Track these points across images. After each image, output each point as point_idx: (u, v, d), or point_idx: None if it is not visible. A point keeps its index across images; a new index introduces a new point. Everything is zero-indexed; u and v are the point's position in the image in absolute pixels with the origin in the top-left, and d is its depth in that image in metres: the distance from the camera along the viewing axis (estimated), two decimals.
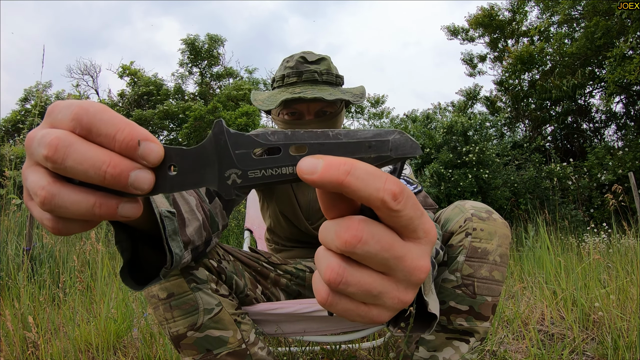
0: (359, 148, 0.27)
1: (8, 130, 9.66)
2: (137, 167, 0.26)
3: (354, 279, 0.26)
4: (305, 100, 0.94)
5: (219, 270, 0.85)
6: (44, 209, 0.27)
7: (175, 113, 8.53)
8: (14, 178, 3.12)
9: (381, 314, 0.28)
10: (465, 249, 0.79)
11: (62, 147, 0.26)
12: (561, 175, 6.19)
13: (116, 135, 0.26)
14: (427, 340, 0.83)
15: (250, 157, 0.27)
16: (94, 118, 0.26)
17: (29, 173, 0.28)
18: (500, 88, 9.14)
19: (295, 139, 0.27)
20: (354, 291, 0.26)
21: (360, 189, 0.24)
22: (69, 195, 0.27)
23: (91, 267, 2.31)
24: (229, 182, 0.27)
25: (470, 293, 0.79)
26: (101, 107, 0.27)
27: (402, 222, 0.25)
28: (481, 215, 0.81)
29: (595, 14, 7.02)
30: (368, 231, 0.25)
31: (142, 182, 0.26)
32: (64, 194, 0.27)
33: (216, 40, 9.86)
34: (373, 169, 0.25)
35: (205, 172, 0.27)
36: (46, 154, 0.26)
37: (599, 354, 1.33)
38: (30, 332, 1.31)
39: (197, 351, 0.78)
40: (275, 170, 0.27)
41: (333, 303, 0.27)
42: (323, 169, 0.24)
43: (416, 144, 0.27)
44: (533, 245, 3.08)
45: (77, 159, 0.26)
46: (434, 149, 6.29)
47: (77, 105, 0.27)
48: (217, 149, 0.27)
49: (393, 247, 0.25)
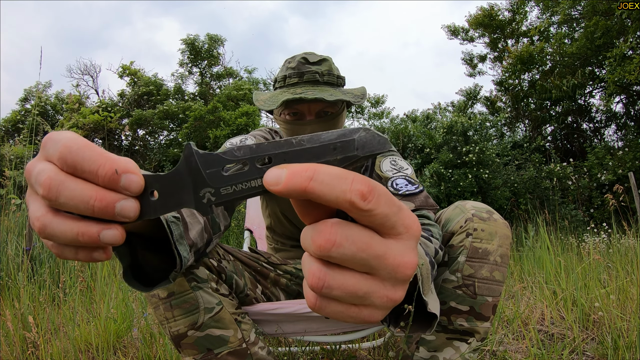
0: (324, 151, 0.26)
1: (8, 130, 9.66)
2: (122, 198, 0.28)
3: (336, 282, 0.26)
4: (306, 100, 0.95)
5: (219, 269, 0.85)
6: (41, 237, 0.30)
7: (175, 113, 8.53)
8: (14, 178, 3.12)
9: (373, 313, 0.28)
10: (466, 249, 0.79)
11: (54, 186, 0.28)
12: (561, 175, 6.19)
13: (98, 171, 0.28)
14: (427, 340, 0.83)
15: (221, 174, 0.28)
16: (77, 156, 0.28)
17: (30, 202, 0.32)
18: (500, 88, 9.14)
19: (259, 152, 0.27)
20: (339, 294, 0.26)
21: (326, 193, 0.24)
22: (58, 224, 0.29)
23: (91, 267, 2.31)
24: (205, 201, 0.28)
25: (471, 293, 0.79)
26: (84, 144, 0.29)
27: (377, 220, 0.25)
28: (482, 215, 0.81)
29: (595, 14, 7.02)
30: (341, 234, 0.24)
31: (128, 211, 0.29)
32: (55, 224, 0.29)
33: (216, 40, 9.86)
34: (338, 171, 0.24)
35: (183, 194, 0.29)
36: (42, 193, 0.29)
37: (599, 354, 1.33)
38: (30, 332, 1.31)
39: (198, 350, 0.78)
40: (245, 184, 0.27)
41: (322, 307, 0.27)
42: (286, 178, 0.24)
43: (384, 139, 0.27)
44: (533, 245, 3.08)
45: (67, 195, 0.28)
46: (434, 149, 6.29)
47: (62, 144, 0.29)
48: (190, 171, 0.28)
49: (370, 246, 0.25)
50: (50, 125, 9.04)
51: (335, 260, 0.25)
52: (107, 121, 8.23)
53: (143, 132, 9.42)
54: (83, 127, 8.01)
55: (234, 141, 0.99)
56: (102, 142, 8.90)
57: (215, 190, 0.28)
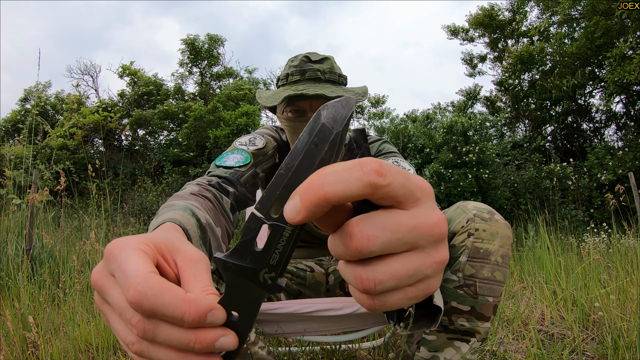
0: (311, 155, 0.26)
1: (8, 130, 9.66)
2: (220, 335, 0.29)
3: (386, 275, 0.25)
4: (307, 96, 0.96)
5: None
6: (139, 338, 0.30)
7: (175, 113, 8.53)
8: (14, 178, 3.12)
9: (429, 284, 0.28)
10: (468, 249, 0.79)
11: (150, 331, 0.29)
12: (561, 175, 6.19)
13: (184, 318, 0.28)
14: (428, 340, 0.83)
15: (260, 254, 0.28)
16: (155, 304, 0.28)
17: (112, 321, 0.32)
18: (500, 88, 9.14)
19: (266, 206, 0.27)
20: (393, 283, 0.26)
21: (345, 189, 0.24)
22: (157, 352, 0.30)
23: (91, 267, 2.31)
24: (270, 283, 0.28)
25: (472, 293, 0.79)
26: (159, 288, 0.28)
27: (397, 192, 0.25)
28: (483, 215, 0.81)
29: (595, 14, 7.02)
30: (371, 225, 0.25)
31: (229, 344, 0.29)
32: (153, 352, 0.30)
33: (216, 40, 9.86)
34: (342, 166, 0.24)
35: (250, 296, 0.29)
36: (137, 333, 0.29)
37: (599, 354, 1.33)
38: (30, 332, 1.31)
39: None
40: (281, 242, 0.27)
41: (382, 304, 0.27)
42: (302, 203, 0.24)
43: (345, 99, 0.27)
44: (533, 245, 3.08)
45: (165, 338, 0.29)
46: (434, 149, 6.29)
47: (134, 289, 0.28)
48: (238, 275, 0.28)
49: (400, 224, 0.25)
50: (50, 125, 9.04)
51: (376, 253, 0.25)
52: (107, 121, 8.22)
53: (143, 132, 9.42)
54: (83, 127, 8.01)
55: (243, 140, 1.00)
56: (102, 142, 8.90)
57: (267, 269, 0.28)
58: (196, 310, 0.28)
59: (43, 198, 2.48)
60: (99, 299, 0.33)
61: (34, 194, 2.42)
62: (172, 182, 7.38)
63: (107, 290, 0.31)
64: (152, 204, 6.83)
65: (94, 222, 3.11)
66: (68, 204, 5.58)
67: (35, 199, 2.44)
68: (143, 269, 0.29)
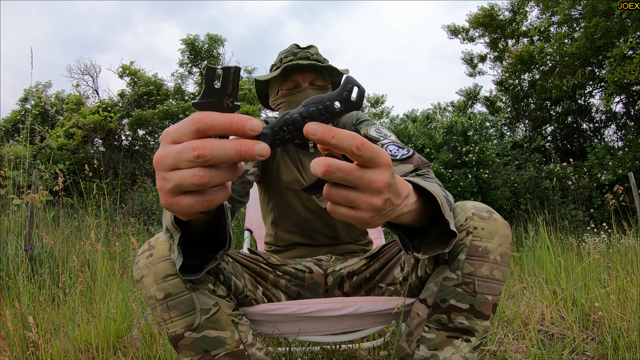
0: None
1: (8, 130, 9.66)
2: (257, 143, 0.40)
3: (334, 192, 0.46)
4: (302, 66, 1.12)
5: (216, 270, 0.85)
6: (199, 161, 0.40)
7: (175, 113, 8.53)
8: (14, 178, 3.12)
9: (363, 215, 0.47)
10: (466, 247, 0.79)
11: (208, 147, 0.39)
12: (561, 175, 6.19)
13: (232, 123, 0.40)
14: (427, 338, 0.83)
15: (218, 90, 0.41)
16: (209, 122, 0.40)
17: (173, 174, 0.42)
18: (500, 88, 9.14)
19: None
20: (338, 199, 0.46)
21: (339, 145, 0.42)
22: (217, 144, 0.40)
23: (91, 267, 2.31)
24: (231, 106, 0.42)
25: (471, 291, 0.79)
26: (206, 113, 0.41)
27: (364, 159, 0.43)
28: (482, 214, 0.81)
29: (595, 14, 7.02)
30: (334, 165, 0.42)
31: (263, 150, 0.40)
32: (214, 145, 0.40)
33: (216, 40, 9.86)
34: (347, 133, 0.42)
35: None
36: (197, 154, 0.39)
37: (599, 354, 1.33)
38: (30, 332, 1.31)
39: (195, 352, 0.78)
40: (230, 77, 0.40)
41: (333, 210, 0.48)
42: (322, 130, 0.41)
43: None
44: (533, 245, 3.08)
45: (220, 149, 0.40)
46: (434, 149, 6.29)
47: (192, 122, 0.40)
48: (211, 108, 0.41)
49: (352, 172, 0.43)
50: (50, 126, 9.05)
51: (332, 180, 0.44)
52: (107, 121, 8.22)
53: (143, 132, 9.42)
54: (83, 127, 8.01)
55: None
56: (102, 142, 8.90)
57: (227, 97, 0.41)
58: (239, 119, 0.40)
59: (42, 198, 2.48)
60: (161, 174, 0.43)
61: (34, 194, 2.42)
62: None
63: (168, 152, 0.41)
64: (152, 204, 6.83)
65: (93, 222, 3.12)
66: (68, 204, 5.59)
67: (35, 199, 2.44)
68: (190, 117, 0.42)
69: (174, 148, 0.41)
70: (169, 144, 0.42)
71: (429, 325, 0.84)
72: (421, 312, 0.86)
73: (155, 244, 0.81)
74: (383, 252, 1.06)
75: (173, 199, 0.44)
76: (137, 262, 0.80)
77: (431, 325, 0.83)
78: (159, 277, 0.77)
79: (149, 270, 0.77)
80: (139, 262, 0.79)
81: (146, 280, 0.77)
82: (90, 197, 3.49)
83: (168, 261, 0.77)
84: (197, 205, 0.43)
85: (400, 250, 1.00)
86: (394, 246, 1.03)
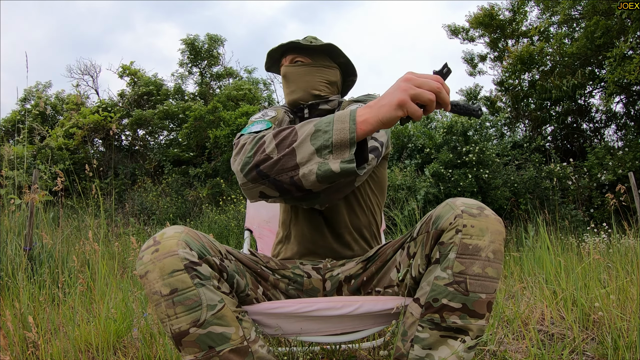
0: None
1: (8, 130, 9.65)
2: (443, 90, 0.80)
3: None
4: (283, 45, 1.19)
5: (220, 268, 0.85)
6: (436, 90, 0.79)
7: (175, 113, 8.51)
8: (14, 178, 3.12)
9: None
10: (456, 245, 0.79)
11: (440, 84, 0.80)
12: (561, 175, 6.19)
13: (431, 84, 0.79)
14: (421, 338, 0.83)
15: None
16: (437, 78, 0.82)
17: (419, 89, 0.79)
18: (500, 88, 9.13)
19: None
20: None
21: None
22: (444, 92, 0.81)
23: (91, 267, 2.31)
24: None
25: (463, 290, 0.78)
26: (418, 75, 0.82)
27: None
28: (472, 211, 0.80)
29: (595, 14, 7.01)
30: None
31: (445, 93, 0.81)
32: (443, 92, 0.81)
33: (216, 40, 9.85)
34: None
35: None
36: (438, 86, 0.79)
37: (599, 354, 1.33)
38: (30, 332, 1.31)
39: (199, 348, 0.78)
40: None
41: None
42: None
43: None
44: (533, 245, 3.08)
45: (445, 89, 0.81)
46: (434, 149, 6.29)
47: (436, 77, 0.81)
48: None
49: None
50: (50, 126, 9.04)
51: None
52: (107, 121, 8.22)
53: (143, 132, 9.41)
54: (83, 127, 8.00)
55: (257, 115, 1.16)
56: (102, 142, 8.89)
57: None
58: (435, 78, 0.80)
59: (42, 198, 2.48)
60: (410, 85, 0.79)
61: (34, 194, 2.42)
62: (172, 182, 7.38)
63: (423, 83, 0.79)
64: (152, 204, 6.82)
65: (93, 222, 3.11)
66: (68, 204, 5.58)
67: (35, 199, 2.44)
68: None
69: (424, 80, 0.79)
70: (417, 77, 0.79)
71: (422, 324, 0.83)
72: (414, 312, 0.86)
73: (161, 239, 0.80)
74: (378, 254, 1.05)
75: (409, 100, 0.77)
76: (141, 258, 0.79)
77: (424, 325, 0.83)
78: (165, 272, 0.76)
79: (155, 266, 0.77)
80: (144, 257, 0.79)
81: (151, 276, 0.77)
82: (90, 197, 3.48)
83: (175, 256, 0.77)
84: (418, 111, 0.78)
85: (396, 252, 1.00)
86: (388, 247, 1.03)
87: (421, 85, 0.78)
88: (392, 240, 1.04)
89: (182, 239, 0.80)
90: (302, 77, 1.18)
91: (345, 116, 0.81)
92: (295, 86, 1.19)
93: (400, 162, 6.49)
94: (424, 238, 0.88)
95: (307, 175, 0.81)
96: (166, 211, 6.52)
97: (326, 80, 1.20)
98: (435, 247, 0.84)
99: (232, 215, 5.51)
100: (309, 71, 1.18)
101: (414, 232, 0.94)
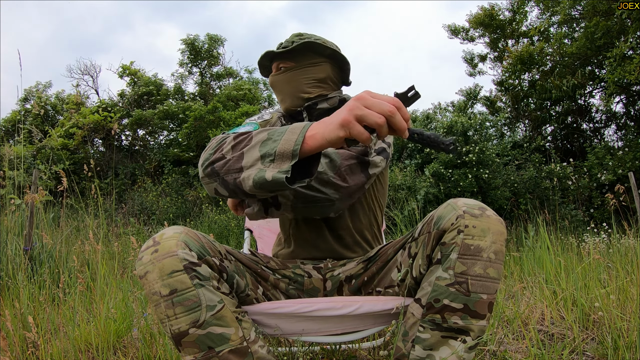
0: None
1: (8, 130, 9.65)
2: (396, 113, 0.72)
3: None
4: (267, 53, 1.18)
5: (220, 268, 0.85)
6: (388, 113, 0.72)
7: (175, 113, 8.51)
8: (14, 178, 3.12)
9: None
10: (458, 246, 0.79)
11: (395, 109, 0.73)
12: (561, 175, 6.19)
13: (397, 105, 0.73)
14: (422, 338, 0.83)
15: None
16: (396, 102, 0.74)
17: (367, 110, 0.73)
18: (500, 88, 9.13)
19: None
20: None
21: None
22: (399, 119, 0.73)
23: (91, 267, 2.31)
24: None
25: (464, 291, 0.78)
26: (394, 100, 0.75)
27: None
28: (474, 212, 0.80)
29: (595, 14, 7.01)
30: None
31: (401, 119, 0.73)
32: (396, 117, 0.73)
33: (216, 40, 9.85)
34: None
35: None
36: (390, 109, 0.72)
37: (599, 354, 1.33)
38: (30, 332, 1.31)
39: (199, 349, 0.78)
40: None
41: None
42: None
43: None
44: (533, 245, 3.08)
45: (399, 114, 0.73)
46: None
47: (393, 99, 0.74)
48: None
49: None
50: (51, 125, 9.04)
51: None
52: (107, 121, 8.21)
53: (143, 132, 9.41)
54: (83, 127, 8.00)
55: (253, 117, 1.19)
56: (102, 142, 8.89)
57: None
58: (391, 101, 0.73)
59: (42, 198, 2.48)
60: (359, 105, 0.73)
61: (34, 194, 2.42)
62: (172, 182, 7.38)
63: (374, 104, 0.72)
64: (152, 204, 6.82)
65: (93, 222, 3.11)
66: (68, 204, 5.58)
67: (35, 199, 2.44)
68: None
69: (376, 101, 0.72)
70: (371, 97, 0.73)
71: (423, 325, 0.83)
72: (415, 312, 0.86)
73: (160, 240, 0.80)
74: (379, 254, 1.05)
75: (354, 121, 0.72)
76: (140, 258, 0.79)
77: (425, 325, 0.83)
78: (164, 273, 0.76)
79: (154, 266, 0.77)
80: (143, 257, 0.79)
81: (150, 276, 0.77)
82: (90, 197, 3.49)
83: (174, 257, 0.77)
84: (363, 134, 0.72)
85: (397, 252, 1.00)
86: (389, 248, 1.03)
87: (371, 107, 0.71)
88: (393, 241, 1.04)
89: (181, 239, 0.80)
90: (287, 84, 1.16)
91: (298, 128, 0.79)
92: (282, 95, 1.18)
93: (400, 162, 6.49)
94: (425, 238, 0.88)
95: (246, 179, 0.80)
96: (166, 211, 6.52)
97: (314, 80, 1.15)
98: (436, 248, 0.84)
99: (232, 215, 5.51)
100: (292, 76, 1.15)
101: (415, 232, 0.94)
